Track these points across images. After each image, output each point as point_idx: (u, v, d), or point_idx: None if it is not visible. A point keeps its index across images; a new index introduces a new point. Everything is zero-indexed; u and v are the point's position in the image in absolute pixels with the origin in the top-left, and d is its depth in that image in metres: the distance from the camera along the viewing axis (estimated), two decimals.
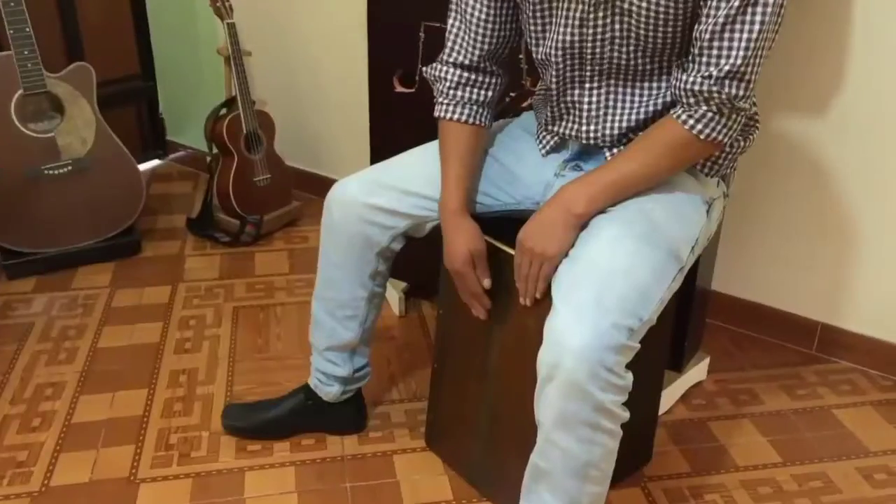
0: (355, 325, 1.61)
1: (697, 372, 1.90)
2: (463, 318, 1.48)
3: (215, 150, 2.52)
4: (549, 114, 1.39)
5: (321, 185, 2.40)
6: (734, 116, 1.20)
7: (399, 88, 2.02)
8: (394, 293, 2.19)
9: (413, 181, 1.47)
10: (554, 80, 1.33)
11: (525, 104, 1.78)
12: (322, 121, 2.78)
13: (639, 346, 1.16)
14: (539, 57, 1.33)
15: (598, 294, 1.14)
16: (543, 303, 1.29)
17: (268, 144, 2.56)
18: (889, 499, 1.58)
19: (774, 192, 1.99)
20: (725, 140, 1.21)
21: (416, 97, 1.97)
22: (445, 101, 1.41)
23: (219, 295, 2.27)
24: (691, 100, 1.19)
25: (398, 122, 2.04)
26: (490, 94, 1.42)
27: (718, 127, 1.20)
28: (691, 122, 1.20)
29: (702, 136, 1.20)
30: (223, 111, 2.52)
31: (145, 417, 1.78)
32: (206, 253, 2.50)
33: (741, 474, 1.64)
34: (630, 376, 1.17)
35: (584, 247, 1.22)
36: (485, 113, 1.42)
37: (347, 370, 1.65)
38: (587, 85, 1.31)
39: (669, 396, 1.82)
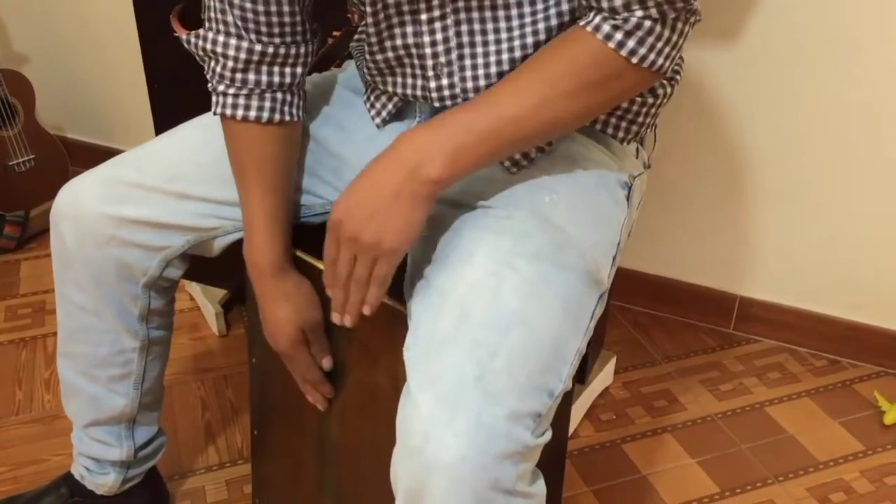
0: (128, 387, 1.09)
1: (603, 377, 1.51)
2: (286, 370, 0.99)
3: None
4: (374, 67, 0.90)
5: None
6: (679, 26, 0.73)
7: (180, 32, 1.46)
8: (209, 307, 1.66)
9: (187, 177, 0.96)
10: (372, 17, 0.83)
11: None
12: (101, 78, 2.14)
13: (550, 435, 0.72)
14: None
15: (480, 366, 0.68)
16: (397, 346, 0.83)
17: (26, 115, 1.93)
18: None
19: (673, 145, 1.60)
20: (667, 65, 0.75)
21: None
22: (231, 92, 0.88)
23: None
24: (617, 1, 0.71)
25: (185, 79, 1.48)
26: (300, 70, 0.91)
27: (660, 44, 0.73)
28: (619, 35, 0.72)
29: (635, 59, 0.73)
30: None
31: None
32: None
33: None
34: (541, 485, 0.73)
35: (451, 277, 0.75)
36: (296, 100, 0.91)
37: (125, 450, 1.13)
38: (424, 16, 0.81)
39: (573, 415, 1.42)
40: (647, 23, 0.71)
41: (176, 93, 1.52)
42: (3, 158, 1.89)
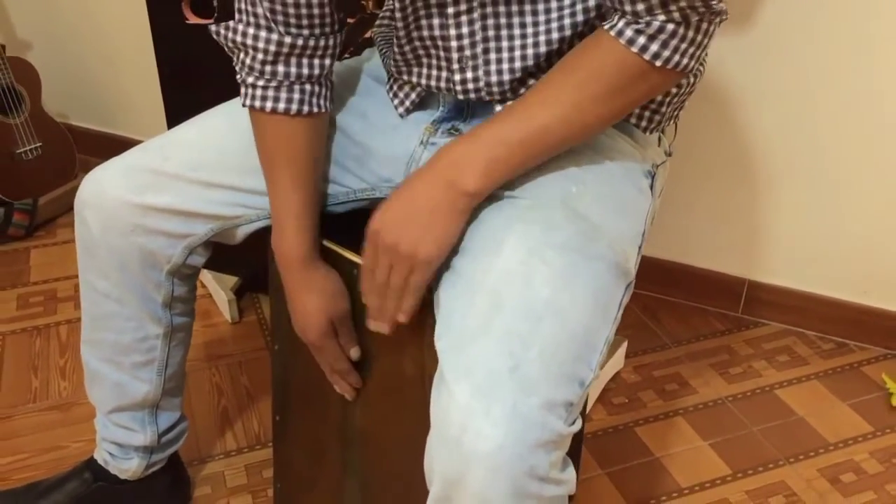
0: (151, 373, 1.10)
1: (615, 361, 1.53)
2: (308, 357, 1.01)
3: None
4: (401, 57, 0.90)
5: (118, 149, 1.80)
6: (704, 26, 0.74)
7: (192, 19, 1.46)
8: (221, 294, 1.67)
9: (211, 165, 0.96)
10: (399, 8, 0.84)
11: (368, 34, 1.28)
12: (106, 64, 2.14)
13: (580, 424, 0.74)
14: None
15: (514, 356, 0.69)
16: (423, 334, 0.84)
17: (32, 102, 1.92)
18: None
19: (682, 133, 1.60)
20: (692, 65, 0.76)
21: None
22: (260, 84, 0.88)
23: None
24: (640, 6, 0.73)
25: (197, 66, 1.49)
26: (329, 61, 0.91)
27: (684, 45, 0.74)
28: (642, 40, 0.73)
29: (658, 62, 0.74)
30: None
31: None
32: None
33: (686, 499, 1.29)
34: (571, 472, 0.75)
35: (480, 266, 0.76)
36: (324, 91, 0.92)
37: (149, 436, 1.15)
38: (451, 10, 0.82)
39: None
40: (671, 26, 0.72)
41: (187, 77, 1.52)
42: (10, 146, 1.89)
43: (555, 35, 0.82)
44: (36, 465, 1.33)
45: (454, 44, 0.84)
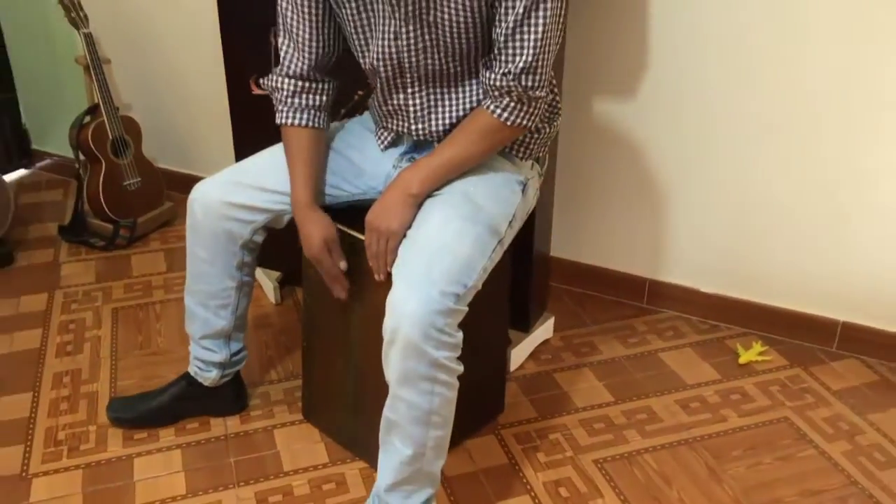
0: (228, 313, 1.76)
1: (544, 331, 2.15)
2: (326, 301, 1.65)
3: (82, 158, 2.58)
4: (381, 115, 1.57)
5: (193, 185, 2.49)
6: (533, 104, 1.41)
7: (256, 91, 2.16)
8: (269, 283, 2.33)
9: (268, 179, 1.63)
10: (379, 87, 1.51)
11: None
12: (187, 122, 2.87)
13: (466, 308, 1.37)
14: (366, 67, 1.51)
15: (428, 267, 1.34)
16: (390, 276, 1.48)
17: (135, 148, 2.63)
18: (701, 422, 1.87)
19: (599, 168, 2.25)
20: (528, 124, 1.43)
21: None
22: (285, 109, 1.57)
23: (97, 298, 2.34)
24: (496, 93, 1.40)
25: (258, 123, 2.17)
26: (324, 98, 1.58)
27: (521, 114, 1.41)
28: (498, 111, 1.41)
29: (508, 123, 1.42)
30: (87, 119, 2.57)
31: (32, 418, 1.86)
32: (81, 258, 2.56)
33: (580, 415, 1.89)
34: (460, 335, 1.37)
35: (419, 229, 1.41)
36: (322, 116, 1.59)
37: (224, 355, 1.80)
38: (409, 90, 1.49)
39: (520, 354, 2.06)
40: (512, 104, 1.40)
41: (251, 132, 2.20)
42: (119, 180, 2.60)
43: (467, 106, 1.49)
44: (144, 386, 1.97)
45: (411, 109, 1.51)
